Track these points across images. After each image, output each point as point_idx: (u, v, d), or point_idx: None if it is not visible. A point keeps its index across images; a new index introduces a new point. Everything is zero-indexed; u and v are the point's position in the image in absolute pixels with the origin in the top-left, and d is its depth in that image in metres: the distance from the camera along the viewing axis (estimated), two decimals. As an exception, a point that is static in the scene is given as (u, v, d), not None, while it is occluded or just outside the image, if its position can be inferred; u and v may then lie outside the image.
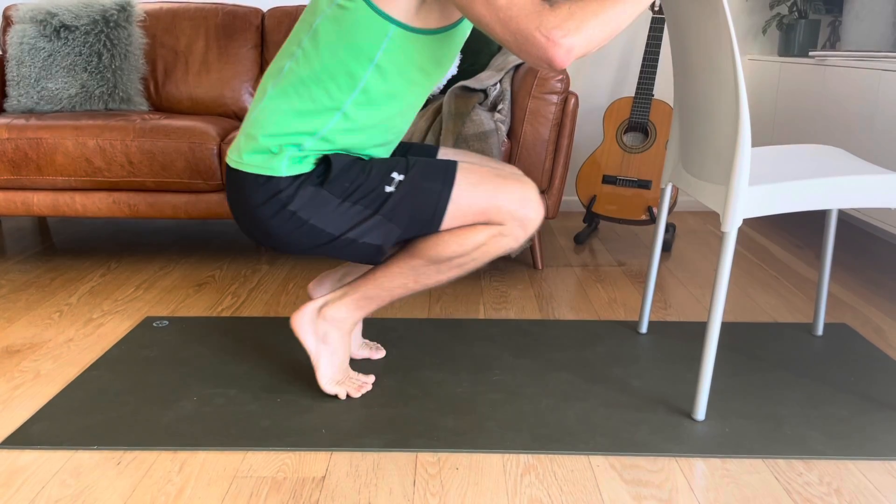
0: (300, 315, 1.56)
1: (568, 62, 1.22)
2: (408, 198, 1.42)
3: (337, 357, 1.58)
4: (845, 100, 2.36)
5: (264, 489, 1.29)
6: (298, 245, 1.45)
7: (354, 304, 1.55)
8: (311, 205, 1.40)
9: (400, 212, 1.42)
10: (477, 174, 1.45)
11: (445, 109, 2.23)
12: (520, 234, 1.46)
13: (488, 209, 1.43)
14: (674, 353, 1.81)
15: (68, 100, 2.67)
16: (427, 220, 1.44)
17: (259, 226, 1.44)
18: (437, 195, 1.42)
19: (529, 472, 1.33)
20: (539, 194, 1.50)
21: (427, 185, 1.42)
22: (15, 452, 1.39)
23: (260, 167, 1.40)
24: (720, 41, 1.38)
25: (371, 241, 1.44)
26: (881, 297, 2.20)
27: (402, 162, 1.44)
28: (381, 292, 1.53)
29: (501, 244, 1.47)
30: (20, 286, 2.29)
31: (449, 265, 1.48)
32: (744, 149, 1.37)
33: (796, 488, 1.29)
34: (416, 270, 1.49)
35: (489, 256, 1.48)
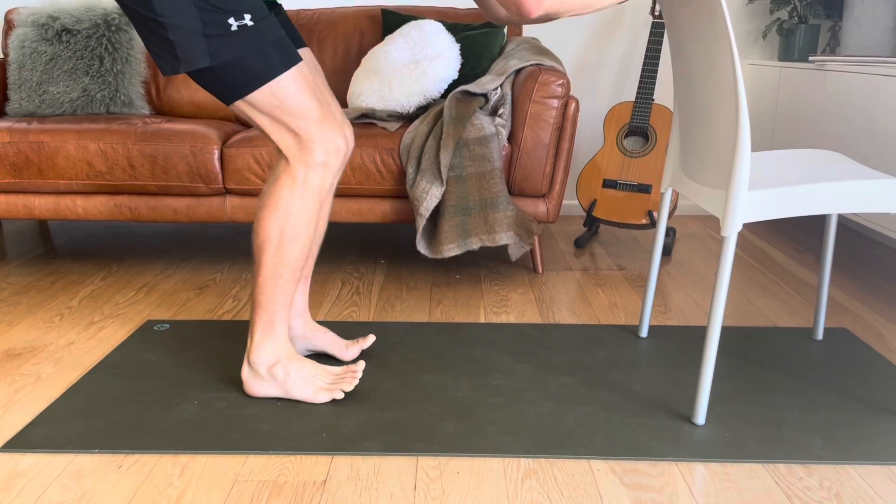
0: (245, 384, 1.58)
1: (536, 11, 1.21)
2: (241, 45, 1.36)
3: (299, 377, 1.57)
4: (845, 105, 2.36)
5: (265, 493, 1.29)
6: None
7: (265, 334, 1.55)
8: None
9: (224, 50, 1.36)
10: (308, 84, 1.44)
11: (446, 114, 2.23)
12: (319, 170, 1.45)
13: (292, 116, 1.42)
14: (674, 358, 1.81)
15: (70, 103, 2.68)
16: (241, 80, 1.38)
17: None
18: (269, 67, 1.38)
19: (530, 477, 1.34)
20: (347, 135, 1.49)
21: (266, 49, 1.38)
22: (16, 456, 1.40)
23: None
24: (720, 46, 1.38)
25: (178, 48, 1.35)
26: (881, 301, 2.20)
27: (263, 12, 1.38)
28: (268, 307, 1.53)
29: (310, 186, 1.46)
30: (21, 289, 2.30)
31: (286, 238, 1.48)
32: (743, 153, 1.37)
33: (796, 493, 1.29)
34: (269, 268, 1.50)
35: (310, 206, 1.48)
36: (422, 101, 2.47)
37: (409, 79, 2.46)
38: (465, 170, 2.19)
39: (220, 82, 1.40)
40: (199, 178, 2.31)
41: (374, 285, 2.33)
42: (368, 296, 2.24)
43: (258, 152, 2.29)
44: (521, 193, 2.33)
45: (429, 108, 2.49)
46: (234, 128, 2.62)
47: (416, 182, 2.20)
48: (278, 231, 1.48)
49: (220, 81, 1.40)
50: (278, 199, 1.48)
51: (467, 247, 2.22)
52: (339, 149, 1.48)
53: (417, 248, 2.24)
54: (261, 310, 1.54)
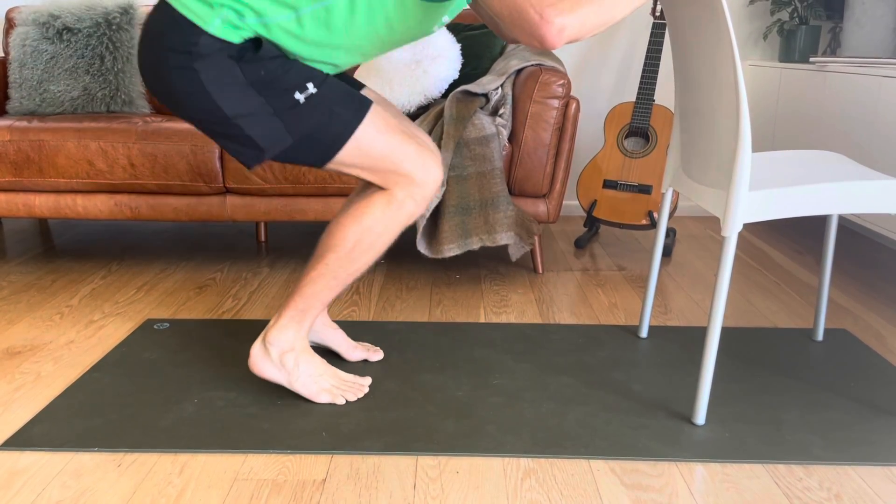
0: (252, 359, 1.56)
1: (559, 42, 1.22)
2: (314, 113, 1.38)
3: (307, 372, 1.57)
4: (846, 106, 2.36)
5: (265, 492, 1.29)
6: (186, 109, 1.39)
7: (292, 321, 1.55)
8: (218, 76, 1.35)
9: (300, 124, 1.38)
10: (386, 122, 1.44)
11: (447, 113, 2.23)
12: (416, 198, 1.45)
13: (385, 159, 1.42)
14: (674, 358, 1.81)
15: (70, 102, 2.68)
16: (323, 146, 1.40)
17: (159, 73, 1.37)
18: (343, 124, 1.40)
19: (530, 476, 1.34)
20: (440, 162, 1.48)
21: (337, 109, 1.39)
22: (15, 454, 1.40)
23: (192, 12, 1.33)
24: (721, 46, 1.38)
25: (257, 138, 1.39)
26: (881, 302, 2.20)
27: (321, 77, 1.40)
28: (310, 300, 1.53)
29: (402, 212, 1.46)
30: (21, 288, 2.30)
31: (358, 249, 1.47)
32: (744, 154, 1.37)
33: (796, 493, 1.29)
34: (330, 267, 1.49)
35: (394, 229, 1.47)
36: (422, 100, 2.47)
37: (410, 78, 2.46)
38: (466, 170, 2.19)
39: (306, 153, 1.42)
40: (199, 178, 2.31)
41: (374, 285, 2.33)
42: (368, 295, 2.24)
43: (259, 151, 2.29)
44: (522, 193, 2.33)
45: (429, 107, 2.49)
46: (234, 127, 2.61)
47: (417, 182, 2.20)
48: (354, 240, 1.47)
49: (305, 153, 1.42)
50: (366, 212, 1.46)
51: (467, 247, 2.22)
52: (437, 179, 1.47)
53: (417, 247, 2.24)
54: (300, 298, 1.53)
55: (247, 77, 1.36)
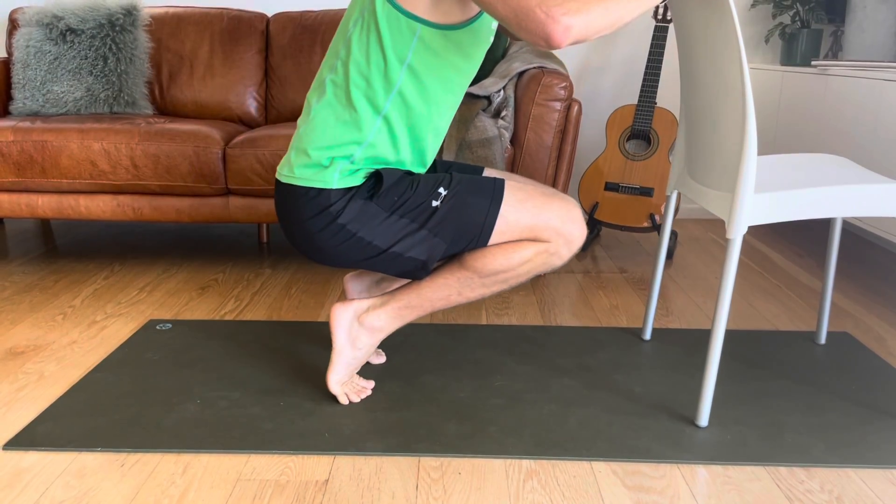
0: (342, 310, 1.56)
1: (566, 41, 1.23)
2: (454, 213, 1.44)
3: (356, 361, 1.59)
4: (847, 109, 2.37)
5: (267, 492, 1.29)
6: (346, 258, 1.47)
7: (395, 313, 1.55)
8: (360, 218, 1.43)
9: (446, 227, 1.44)
10: (523, 192, 1.48)
11: (449, 115, 2.24)
12: (564, 251, 1.48)
13: (535, 226, 1.45)
14: (676, 361, 1.81)
15: (73, 103, 2.68)
16: (474, 236, 1.46)
17: (308, 239, 1.46)
18: (485, 211, 1.45)
19: (532, 478, 1.34)
20: (581, 213, 1.51)
21: (473, 200, 1.44)
22: (19, 454, 1.40)
23: (311, 180, 1.42)
24: (728, 49, 1.39)
25: (416, 255, 1.46)
26: (883, 305, 2.20)
27: (447, 177, 1.46)
28: (424, 303, 1.54)
29: (547, 261, 1.49)
30: (24, 288, 2.30)
31: (494, 279, 1.49)
32: (750, 156, 1.37)
33: (798, 495, 1.29)
34: (461, 282, 1.51)
35: (533, 273, 1.50)
36: (425, 102, 2.47)
37: (413, 80, 2.47)
38: (468, 171, 2.20)
39: (462, 246, 1.47)
40: (201, 179, 2.31)
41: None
42: (370, 297, 2.24)
43: (261, 153, 2.29)
44: (524, 195, 2.33)
45: (432, 109, 2.49)
46: (237, 128, 2.62)
47: (419, 183, 2.20)
48: (497, 271, 1.48)
49: (461, 246, 1.47)
50: (520, 253, 1.47)
51: (469, 248, 2.22)
52: (584, 232, 1.49)
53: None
54: (417, 297, 1.54)
55: (384, 208, 1.43)
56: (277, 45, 2.87)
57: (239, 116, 2.84)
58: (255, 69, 2.86)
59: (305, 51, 2.85)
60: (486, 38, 1.48)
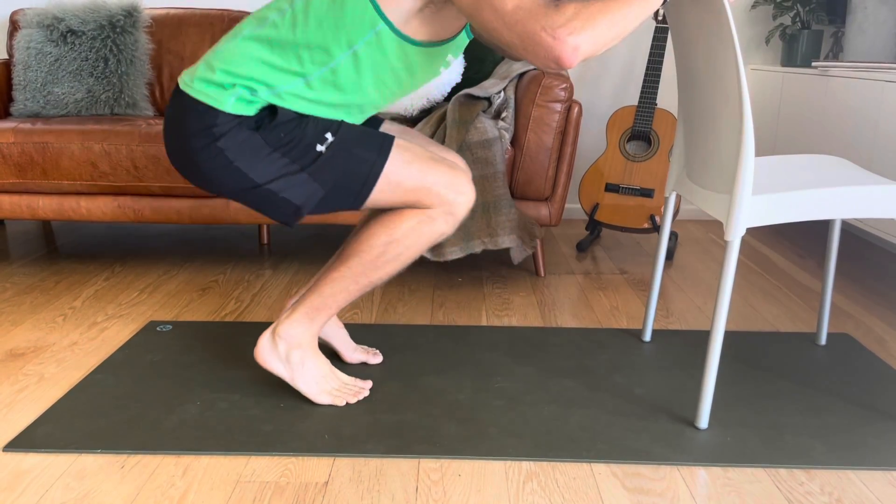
0: (258, 348, 1.57)
1: (575, 61, 1.22)
2: (337, 160, 1.41)
3: (311, 372, 1.57)
4: (848, 110, 2.36)
5: (267, 494, 1.29)
6: (219, 184, 1.44)
7: (305, 318, 1.55)
8: (241, 147, 1.39)
9: (327, 173, 1.41)
10: (411, 153, 1.46)
11: (449, 117, 2.24)
12: (448, 218, 1.47)
13: (417, 189, 1.43)
14: (676, 362, 1.81)
15: (74, 104, 2.69)
16: (354, 190, 1.43)
17: (186, 156, 1.43)
18: (370, 165, 1.42)
19: (532, 480, 1.34)
20: (471, 181, 1.50)
21: (359, 152, 1.42)
22: (19, 455, 1.40)
23: (206, 96, 1.39)
24: (724, 51, 1.39)
25: (291, 197, 1.43)
26: (883, 307, 2.20)
27: (336, 124, 1.43)
28: (327, 300, 1.53)
29: (432, 229, 1.47)
30: (24, 289, 2.30)
31: (383, 258, 1.48)
32: (747, 158, 1.37)
33: (798, 497, 1.29)
34: (352, 271, 1.50)
35: (422, 244, 1.48)
36: (425, 104, 2.48)
37: (413, 82, 2.47)
38: (468, 173, 2.20)
39: (341, 200, 1.45)
40: (202, 180, 2.31)
41: (376, 288, 2.34)
42: (371, 298, 2.24)
43: (262, 154, 2.29)
44: (524, 197, 2.33)
45: (432, 111, 2.49)
46: (237, 130, 2.62)
47: (419, 185, 2.20)
48: (382, 248, 1.48)
49: (340, 199, 1.45)
50: (400, 223, 1.47)
51: (469, 250, 2.22)
52: (470, 200, 1.49)
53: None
54: (318, 297, 1.54)
55: (268, 143, 1.40)
56: (278, 47, 2.87)
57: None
58: (256, 70, 2.85)
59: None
60: (438, 63, 1.47)
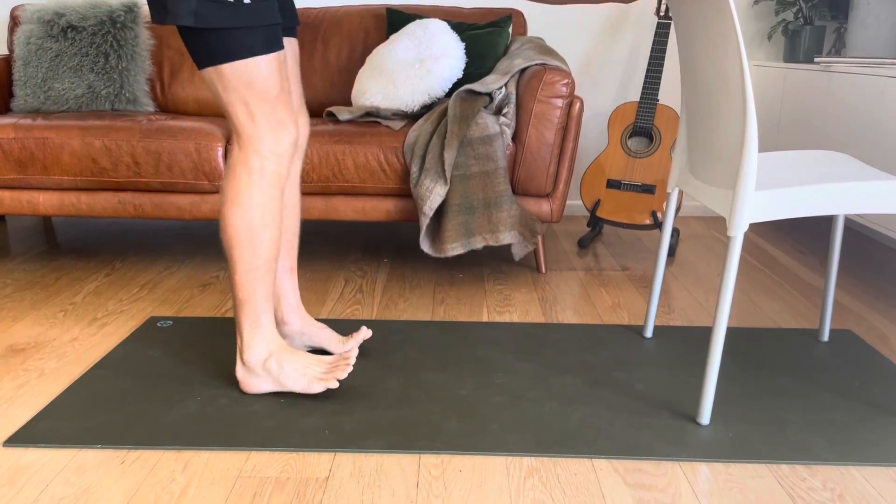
0: (241, 384, 1.59)
1: None
2: (231, 17, 1.38)
3: (290, 369, 1.57)
4: (850, 106, 2.36)
5: (268, 489, 1.29)
6: None
7: (250, 330, 1.56)
8: None
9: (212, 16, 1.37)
10: (280, 74, 1.45)
11: (451, 113, 2.23)
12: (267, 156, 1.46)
13: (253, 103, 1.43)
14: (677, 358, 1.80)
15: (75, 100, 2.68)
16: (219, 50, 1.40)
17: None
18: (250, 45, 1.40)
19: (532, 475, 1.33)
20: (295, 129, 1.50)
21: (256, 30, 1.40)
22: (19, 450, 1.40)
23: None
24: (728, 46, 1.38)
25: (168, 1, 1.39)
26: (885, 303, 2.20)
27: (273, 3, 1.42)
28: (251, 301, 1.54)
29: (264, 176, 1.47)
30: (25, 285, 2.30)
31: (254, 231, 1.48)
32: (751, 153, 1.37)
33: (800, 493, 1.29)
34: (241, 262, 1.51)
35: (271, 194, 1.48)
36: (426, 99, 2.47)
37: (414, 77, 2.46)
38: (469, 169, 2.19)
39: (200, 43, 1.42)
40: (202, 176, 2.31)
41: (377, 283, 2.33)
42: (372, 294, 2.24)
43: (262, 150, 2.29)
44: (525, 193, 2.33)
45: (433, 106, 2.48)
46: (238, 125, 2.61)
47: (420, 181, 2.20)
48: (246, 224, 1.48)
49: (200, 42, 1.42)
50: (238, 191, 1.48)
51: (471, 246, 2.22)
52: (290, 134, 1.49)
53: (421, 246, 2.24)
54: (244, 307, 1.55)
55: None
56: (279, 43, 2.86)
57: (240, 114, 2.84)
58: (257, 66, 2.85)
59: (306, 48, 2.84)
60: None
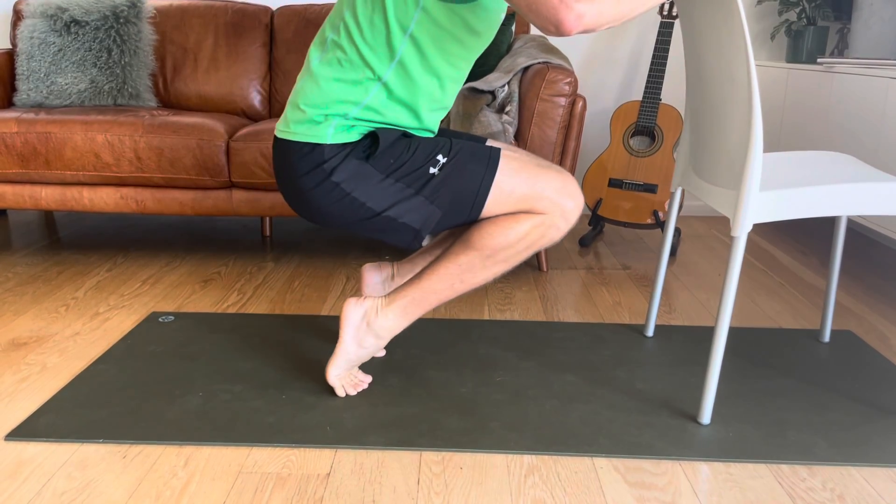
0: (353, 308, 1.55)
1: (576, 28, 1.23)
2: (451, 180, 1.43)
3: (358, 359, 1.58)
4: (853, 107, 2.36)
5: (269, 485, 1.29)
6: (338, 218, 1.46)
7: (401, 311, 1.54)
8: (354, 178, 1.42)
9: (442, 194, 1.44)
10: (519, 161, 1.48)
11: (453, 111, 2.23)
12: (561, 223, 1.47)
13: (529, 196, 1.45)
14: (678, 357, 1.81)
15: (77, 95, 2.68)
16: (468, 205, 1.45)
17: (301, 196, 1.46)
18: (480, 178, 1.44)
19: (533, 473, 1.34)
20: (578, 187, 1.51)
21: (471, 167, 1.44)
22: (21, 444, 1.40)
23: (305, 135, 1.42)
24: (734, 46, 1.38)
25: (410, 222, 1.46)
26: (886, 304, 2.20)
27: (446, 144, 1.46)
28: (428, 295, 1.53)
29: (545, 234, 1.48)
30: (27, 279, 2.30)
31: (494, 259, 1.48)
32: (756, 153, 1.37)
33: (799, 493, 1.29)
34: (461, 267, 1.49)
35: (532, 249, 1.49)
36: (429, 97, 2.47)
37: (417, 75, 2.46)
38: (472, 167, 2.19)
39: (457, 216, 1.47)
40: (205, 171, 2.31)
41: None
42: (373, 291, 2.24)
43: (265, 146, 2.29)
44: (527, 191, 2.32)
45: (436, 104, 2.48)
46: (241, 121, 2.62)
47: (423, 178, 2.20)
48: (495, 249, 1.47)
49: (456, 216, 1.47)
50: (514, 226, 1.46)
51: (473, 244, 2.22)
52: (580, 203, 1.49)
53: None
54: (418, 289, 1.52)
55: (379, 170, 1.42)
56: (282, 39, 2.87)
57: (243, 110, 2.84)
58: (259, 62, 2.85)
59: (309, 45, 2.84)
60: (495, 17, 1.46)
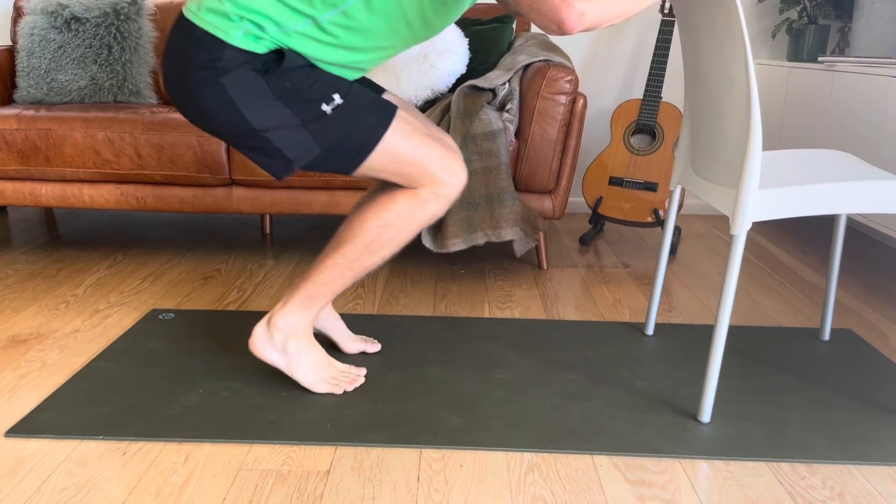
0: (254, 339, 1.56)
1: (578, 27, 1.23)
2: (341, 123, 1.40)
3: (308, 361, 1.57)
4: (854, 106, 2.36)
5: (269, 482, 1.29)
6: (214, 123, 1.40)
7: (299, 307, 1.55)
8: (244, 88, 1.36)
9: (328, 134, 1.40)
10: (411, 126, 1.46)
11: (454, 108, 2.23)
12: (440, 199, 1.47)
13: (411, 163, 1.43)
14: (678, 356, 1.81)
15: (78, 91, 2.68)
16: (351, 153, 1.42)
17: (185, 89, 1.39)
18: (371, 131, 1.41)
19: (533, 471, 1.34)
20: (462, 163, 1.50)
21: (365, 117, 1.41)
22: (21, 441, 1.40)
23: (213, 27, 1.34)
24: (733, 45, 1.38)
25: (285, 149, 1.41)
26: (886, 303, 2.20)
27: (346, 86, 1.42)
28: (321, 288, 1.53)
29: (424, 211, 1.47)
30: (27, 276, 2.30)
31: (377, 243, 1.48)
32: (755, 151, 1.37)
33: (799, 492, 1.29)
34: (346, 257, 1.50)
35: (414, 227, 1.48)
36: (430, 94, 2.47)
37: (417, 72, 2.46)
38: (472, 164, 2.19)
39: (335, 161, 1.44)
40: (205, 169, 2.31)
41: (378, 278, 2.33)
42: (373, 289, 2.24)
43: (265, 143, 2.29)
44: (528, 189, 2.33)
45: (436, 102, 2.48)
46: (241, 119, 2.61)
47: (423, 176, 2.20)
48: (374, 234, 1.47)
49: (333, 161, 1.44)
50: (389, 207, 1.46)
51: (472, 241, 2.22)
52: (461, 181, 1.49)
53: (422, 241, 2.24)
54: (311, 285, 1.53)
55: (272, 89, 1.37)
56: (282, 36, 2.86)
57: (243, 107, 2.83)
58: (260, 60, 2.85)
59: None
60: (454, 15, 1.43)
